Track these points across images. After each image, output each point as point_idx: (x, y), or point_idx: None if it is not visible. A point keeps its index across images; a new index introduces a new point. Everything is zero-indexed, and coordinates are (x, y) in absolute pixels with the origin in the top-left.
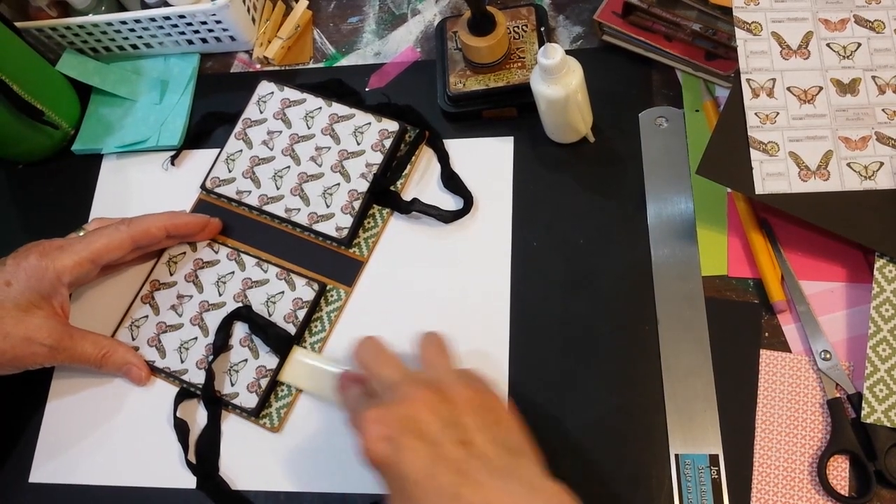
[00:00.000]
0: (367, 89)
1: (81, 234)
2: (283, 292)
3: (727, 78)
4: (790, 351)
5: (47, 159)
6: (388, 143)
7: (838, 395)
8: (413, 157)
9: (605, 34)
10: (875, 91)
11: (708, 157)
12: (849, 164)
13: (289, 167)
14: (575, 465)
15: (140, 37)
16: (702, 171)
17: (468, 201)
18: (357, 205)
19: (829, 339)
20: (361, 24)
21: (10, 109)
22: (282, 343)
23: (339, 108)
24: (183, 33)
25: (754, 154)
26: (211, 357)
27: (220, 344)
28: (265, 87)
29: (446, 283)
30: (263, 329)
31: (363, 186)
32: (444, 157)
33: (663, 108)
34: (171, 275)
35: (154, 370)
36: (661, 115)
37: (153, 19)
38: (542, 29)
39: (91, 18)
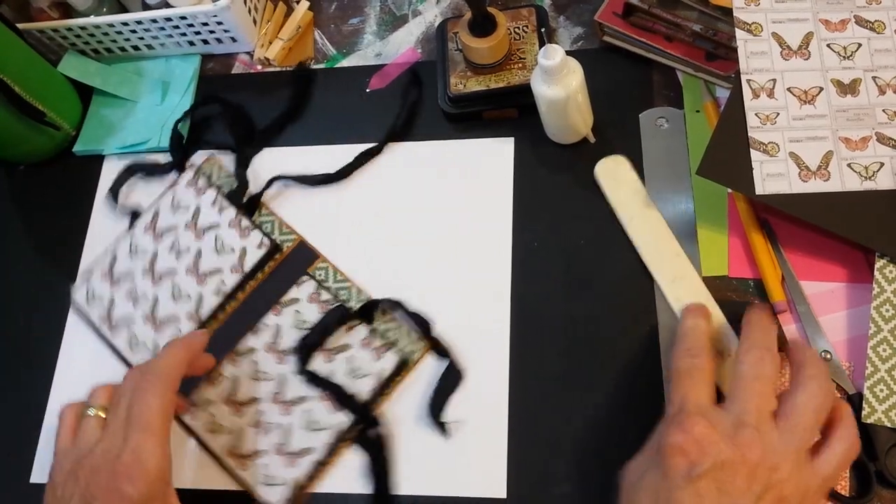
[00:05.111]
0: (367, 90)
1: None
2: None
3: (727, 78)
4: None
5: (49, 160)
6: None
7: (839, 395)
8: None
9: (606, 35)
10: (875, 91)
11: (708, 158)
12: (849, 165)
13: None
14: (575, 465)
15: (141, 38)
16: (702, 171)
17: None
18: None
19: (830, 339)
20: (362, 25)
21: (11, 110)
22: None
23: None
24: (184, 34)
25: (755, 154)
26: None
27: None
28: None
29: (447, 284)
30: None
31: None
32: None
33: (664, 108)
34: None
35: None
36: (662, 116)
37: (154, 20)
38: (543, 30)
39: (92, 20)
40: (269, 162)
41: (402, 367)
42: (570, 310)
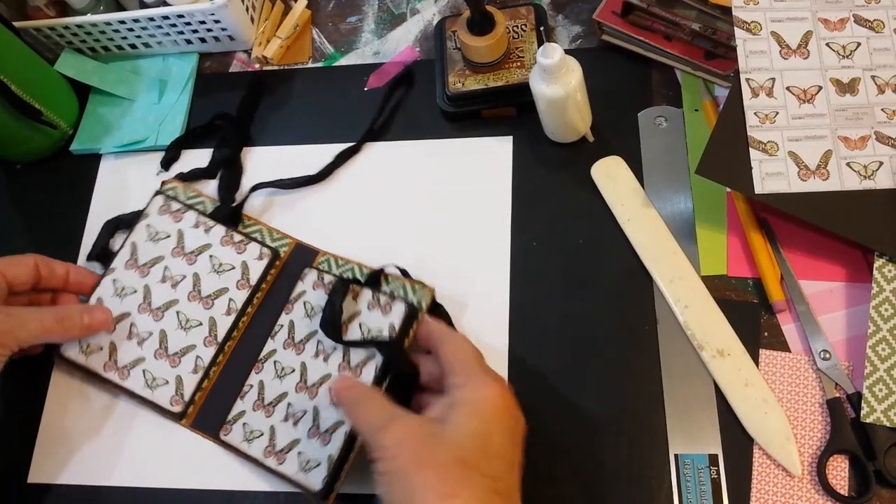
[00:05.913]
0: (365, 89)
1: None
2: None
3: (726, 77)
4: (789, 350)
5: (46, 159)
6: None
7: (838, 394)
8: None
9: (605, 34)
10: (874, 90)
11: (707, 157)
12: (848, 164)
13: None
14: (574, 464)
15: (139, 36)
16: (701, 170)
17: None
18: None
19: (829, 338)
20: (360, 24)
21: (8, 109)
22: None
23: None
24: (181, 33)
25: (754, 154)
26: None
27: None
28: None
29: (446, 283)
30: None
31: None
32: None
33: (662, 107)
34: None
35: None
36: (661, 115)
37: (152, 19)
38: (542, 28)
39: (89, 18)
40: (265, 163)
41: (413, 316)
42: (569, 309)
